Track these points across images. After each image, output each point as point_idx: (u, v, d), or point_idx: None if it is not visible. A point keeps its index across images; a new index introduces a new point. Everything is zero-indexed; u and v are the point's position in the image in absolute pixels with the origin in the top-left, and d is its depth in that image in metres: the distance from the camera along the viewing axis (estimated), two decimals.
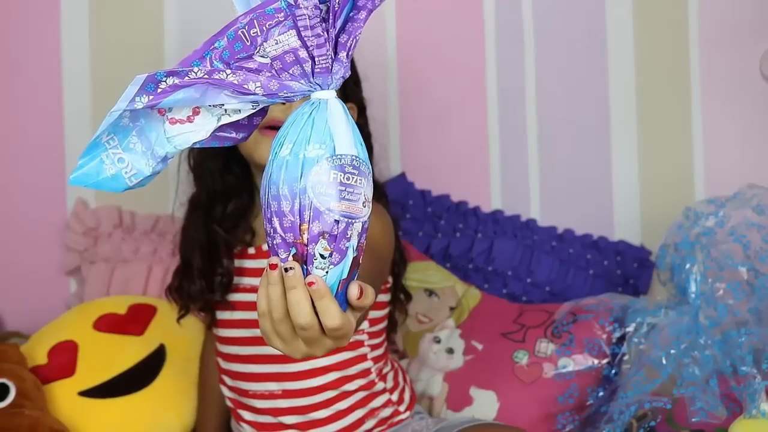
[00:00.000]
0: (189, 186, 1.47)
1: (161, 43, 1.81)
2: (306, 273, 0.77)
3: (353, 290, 0.78)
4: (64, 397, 1.48)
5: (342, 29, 0.79)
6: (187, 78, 0.76)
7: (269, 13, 0.76)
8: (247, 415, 1.39)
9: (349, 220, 0.76)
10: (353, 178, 0.76)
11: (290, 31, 0.76)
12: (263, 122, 1.25)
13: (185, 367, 1.55)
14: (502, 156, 1.84)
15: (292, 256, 0.76)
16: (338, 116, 0.77)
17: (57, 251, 1.78)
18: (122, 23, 1.81)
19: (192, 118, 0.79)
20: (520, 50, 1.84)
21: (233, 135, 0.82)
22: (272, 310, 0.77)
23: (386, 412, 1.40)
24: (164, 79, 0.76)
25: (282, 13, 0.76)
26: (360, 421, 1.37)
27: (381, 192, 1.41)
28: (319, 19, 0.77)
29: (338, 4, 0.77)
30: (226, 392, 1.43)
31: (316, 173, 0.75)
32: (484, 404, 1.54)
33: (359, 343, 1.37)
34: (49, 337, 1.56)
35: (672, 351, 1.45)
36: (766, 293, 1.45)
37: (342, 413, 1.36)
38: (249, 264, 1.37)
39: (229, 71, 0.77)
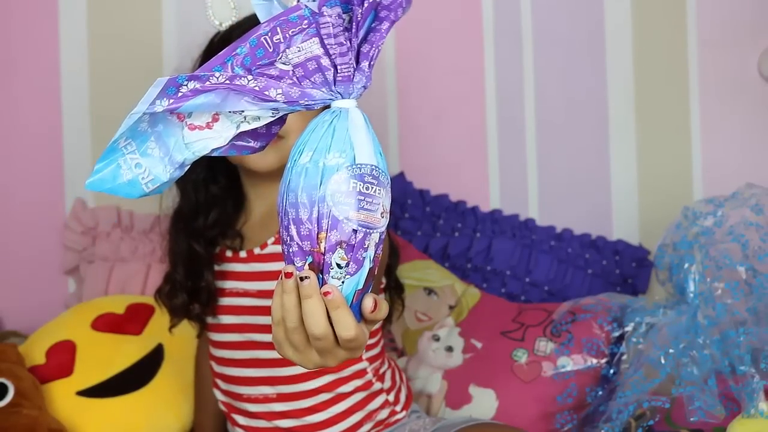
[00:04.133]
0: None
1: (160, 41, 1.81)
2: (322, 282, 0.76)
3: (368, 303, 0.78)
4: (62, 396, 1.47)
5: (364, 39, 0.78)
6: (208, 83, 0.75)
7: (293, 21, 0.76)
8: (241, 419, 1.38)
9: (367, 230, 0.76)
10: (372, 188, 0.76)
11: (313, 38, 0.76)
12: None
13: (183, 366, 1.55)
14: (501, 156, 1.84)
15: (308, 264, 0.76)
16: (359, 125, 0.77)
17: (55, 251, 1.78)
18: (120, 22, 1.81)
19: (211, 124, 0.78)
20: (519, 50, 1.84)
21: (251, 144, 0.81)
22: (286, 318, 0.77)
23: (383, 413, 1.39)
24: (185, 83, 0.75)
25: (305, 21, 0.76)
26: (358, 425, 1.36)
27: None
28: (342, 28, 0.77)
29: (361, 14, 0.78)
30: (219, 396, 1.42)
31: (335, 182, 0.75)
32: (483, 402, 1.54)
33: None
34: (47, 337, 1.55)
35: (670, 350, 1.45)
36: (765, 293, 1.45)
37: (339, 417, 1.35)
38: (239, 268, 1.36)
39: (250, 77, 0.76)
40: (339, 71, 0.77)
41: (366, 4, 0.78)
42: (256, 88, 0.76)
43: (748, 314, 1.44)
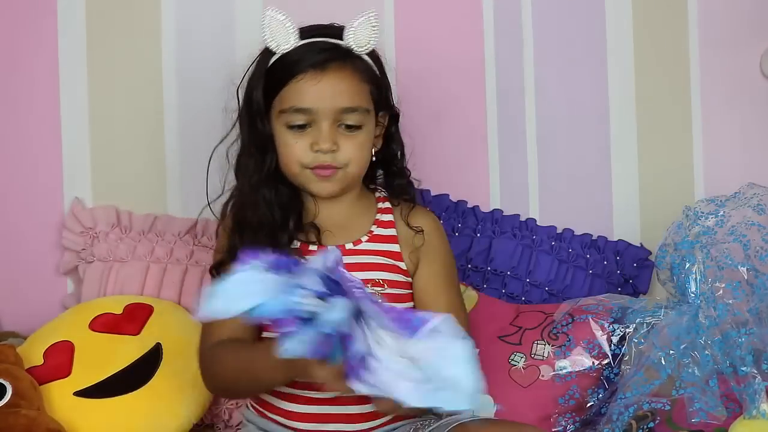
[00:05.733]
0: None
1: (159, 41, 1.80)
2: None
3: None
4: (60, 397, 1.47)
5: None
6: None
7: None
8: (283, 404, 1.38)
9: None
10: None
11: None
12: (312, 163, 1.36)
13: (181, 366, 1.54)
14: (501, 155, 1.84)
15: None
16: None
17: (54, 251, 1.77)
18: (120, 21, 1.81)
19: None
20: (519, 49, 1.84)
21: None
22: None
23: None
24: None
25: None
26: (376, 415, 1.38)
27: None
28: None
29: None
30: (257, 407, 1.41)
31: None
32: (481, 407, 1.53)
33: None
34: (45, 338, 1.56)
35: (671, 351, 1.44)
36: (766, 293, 1.45)
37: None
38: None
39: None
40: None
41: None
42: None
43: (750, 315, 1.44)
